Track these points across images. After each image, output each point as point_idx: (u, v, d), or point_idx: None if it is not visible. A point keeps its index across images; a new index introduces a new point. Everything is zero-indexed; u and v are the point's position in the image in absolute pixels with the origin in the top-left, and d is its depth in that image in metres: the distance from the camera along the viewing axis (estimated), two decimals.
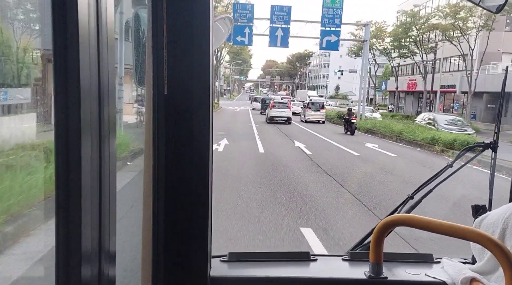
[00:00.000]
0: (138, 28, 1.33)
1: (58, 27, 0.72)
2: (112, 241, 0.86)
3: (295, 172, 11.47)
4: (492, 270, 1.31)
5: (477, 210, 1.58)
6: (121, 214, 0.95)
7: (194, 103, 1.25)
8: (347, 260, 1.57)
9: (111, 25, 0.84)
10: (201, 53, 1.23)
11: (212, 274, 1.38)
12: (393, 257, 1.53)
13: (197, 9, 1.21)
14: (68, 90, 0.73)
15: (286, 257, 1.57)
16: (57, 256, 0.76)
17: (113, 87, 0.85)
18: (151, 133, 1.21)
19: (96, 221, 0.80)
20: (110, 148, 0.84)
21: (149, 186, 1.22)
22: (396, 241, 5.50)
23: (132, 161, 5.66)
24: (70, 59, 0.73)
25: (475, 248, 1.43)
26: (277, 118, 31.67)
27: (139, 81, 1.29)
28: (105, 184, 0.83)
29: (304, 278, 1.48)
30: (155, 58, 1.19)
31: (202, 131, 1.26)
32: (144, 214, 1.24)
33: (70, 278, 0.76)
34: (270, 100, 37.74)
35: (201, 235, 1.30)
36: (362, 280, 1.39)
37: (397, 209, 1.82)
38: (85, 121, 0.75)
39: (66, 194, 0.75)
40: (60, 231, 0.75)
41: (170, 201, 1.26)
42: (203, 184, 1.28)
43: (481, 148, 1.86)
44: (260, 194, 8.63)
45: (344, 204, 8.23)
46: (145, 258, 1.25)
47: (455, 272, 1.37)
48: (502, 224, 1.31)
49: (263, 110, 39.50)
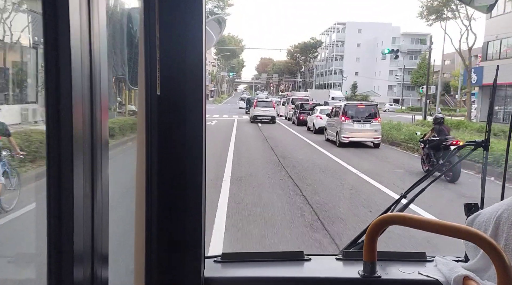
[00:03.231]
0: (130, 29, 1.33)
1: (49, 28, 0.72)
2: (104, 242, 0.86)
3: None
4: (485, 268, 1.32)
5: (470, 209, 1.59)
6: (113, 215, 0.95)
7: (187, 104, 1.24)
8: (341, 259, 1.57)
9: (103, 27, 0.83)
10: (194, 54, 1.23)
11: (206, 274, 1.37)
12: (387, 256, 1.54)
13: (189, 9, 1.21)
14: (60, 93, 0.73)
15: (280, 257, 1.57)
16: (49, 258, 0.75)
17: (105, 91, 0.85)
18: (144, 134, 1.21)
19: (88, 222, 0.80)
20: (103, 150, 0.84)
21: (142, 187, 1.22)
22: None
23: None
24: (61, 61, 0.72)
25: (467, 246, 1.44)
26: (260, 117, 30.19)
27: (131, 81, 1.28)
28: (98, 185, 0.82)
29: (298, 278, 1.48)
30: (148, 59, 1.19)
31: (195, 132, 1.26)
32: (137, 215, 1.24)
33: (62, 280, 0.76)
34: (253, 100, 35.66)
35: (194, 236, 1.30)
36: (356, 279, 1.40)
37: (390, 208, 1.83)
38: (77, 124, 0.75)
39: (58, 195, 0.74)
40: (52, 233, 0.75)
41: (163, 202, 1.26)
42: (197, 184, 1.28)
43: (473, 147, 1.87)
44: None
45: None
46: (138, 259, 1.24)
47: (448, 270, 1.38)
48: (494, 222, 1.32)
49: (247, 109, 37.48)
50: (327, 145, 18.05)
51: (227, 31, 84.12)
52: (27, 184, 4.56)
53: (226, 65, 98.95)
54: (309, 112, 26.63)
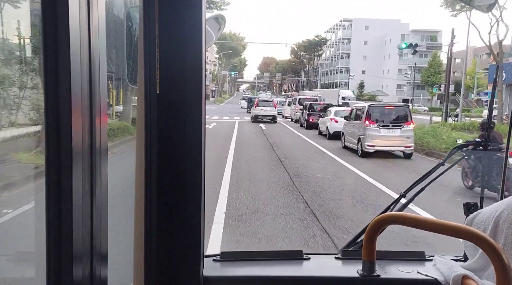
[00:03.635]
0: (130, 27, 1.33)
1: (49, 27, 0.72)
2: (103, 241, 0.86)
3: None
4: (484, 268, 1.32)
5: (469, 208, 1.59)
6: (113, 214, 0.95)
7: (187, 102, 1.24)
8: (340, 258, 1.57)
9: (103, 25, 0.83)
10: (194, 52, 1.23)
11: (205, 273, 1.37)
12: (386, 255, 1.54)
13: (189, 7, 1.21)
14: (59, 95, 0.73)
15: (279, 256, 1.57)
16: (48, 256, 0.75)
17: (104, 92, 0.85)
18: (143, 132, 1.21)
19: (87, 221, 0.80)
20: (102, 147, 0.84)
21: (141, 185, 1.22)
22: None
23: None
24: (60, 62, 0.72)
25: (466, 246, 1.44)
26: (261, 116, 30.34)
27: (131, 80, 1.28)
28: (97, 184, 0.82)
29: (297, 277, 1.48)
30: (147, 57, 1.19)
31: (195, 130, 1.26)
32: (136, 214, 1.24)
33: (61, 278, 0.76)
34: (255, 99, 36.02)
35: (193, 235, 1.30)
36: (355, 278, 1.40)
37: (389, 207, 1.83)
38: (76, 124, 0.75)
39: (57, 194, 0.74)
40: (51, 232, 0.75)
41: (162, 200, 1.26)
42: (196, 183, 1.28)
43: (473, 146, 1.87)
44: None
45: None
46: (137, 258, 1.24)
47: (447, 269, 1.38)
48: (493, 221, 1.32)
49: (249, 108, 37.83)
50: (347, 155, 14.84)
51: (228, 28, 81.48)
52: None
53: (227, 64, 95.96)
54: (319, 114, 23.97)
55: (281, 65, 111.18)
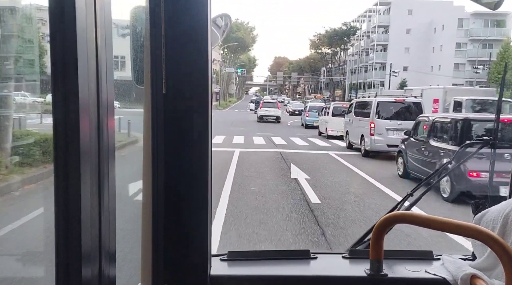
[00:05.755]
0: (136, 27, 1.33)
1: (55, 27, 0.72)
2: (112, 240, 0.86)
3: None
4: (492, 267, 1.31)
5: (477, 207, 1.58)
6: (120, 213, 0.95)
7: (193, 103, 1.25)
8: (347, 257, 1.57)
9: (109, 25, 0.84)
10: (200, 52, 1.23)
11: (212, 273, 1.38)
12: (393, 254, 1.53)
13: (195, 7, 1.21)
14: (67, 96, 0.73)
15: (286, 255, 1.57)
16: (57, 256, 0.76)
17: (112, 93, 0.85)
18: (150, 132, 1.21)
19: (96, 221, 0.81)
20: (110, 148, 0.84)
21: (148, 186, 1.22)
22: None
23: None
24: (68, 59, 0.73)
25: (475, 245, 1.43)
26: (266, 117, 33.59)
27: (137, 80, 1.29)
28: (105, 183, 0.83)
29: (304, 276, 1.48)
30: (153, 57, 1.19)
31: (201, 130, 1.26)
32: (144, 214, 1.24)
33: (70, 277, 0.76)
34: (261, 100, 39.69)
35: (200, 234, 1.30)
36: (362, 277, 1.39)
37: (396, 206, 1.82)
38: (84, 125, 0.75)
39: (65, 193, 0.75)
40: (60, 231, 0.75)
41: (169, 201, 1.26)
42: (203, 183, 1.28)
43: (480, 145, 1.86)
44: None
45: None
46: (145, 257, 1.25)
47: (455, 268, 1.37)
48: (502, 220, 1.31)
49: (255, 110, 40.43)
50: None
51: (234, 17, 65.68)
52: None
53: (234, 61, 76.72)
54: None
55: (296, 64, 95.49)
